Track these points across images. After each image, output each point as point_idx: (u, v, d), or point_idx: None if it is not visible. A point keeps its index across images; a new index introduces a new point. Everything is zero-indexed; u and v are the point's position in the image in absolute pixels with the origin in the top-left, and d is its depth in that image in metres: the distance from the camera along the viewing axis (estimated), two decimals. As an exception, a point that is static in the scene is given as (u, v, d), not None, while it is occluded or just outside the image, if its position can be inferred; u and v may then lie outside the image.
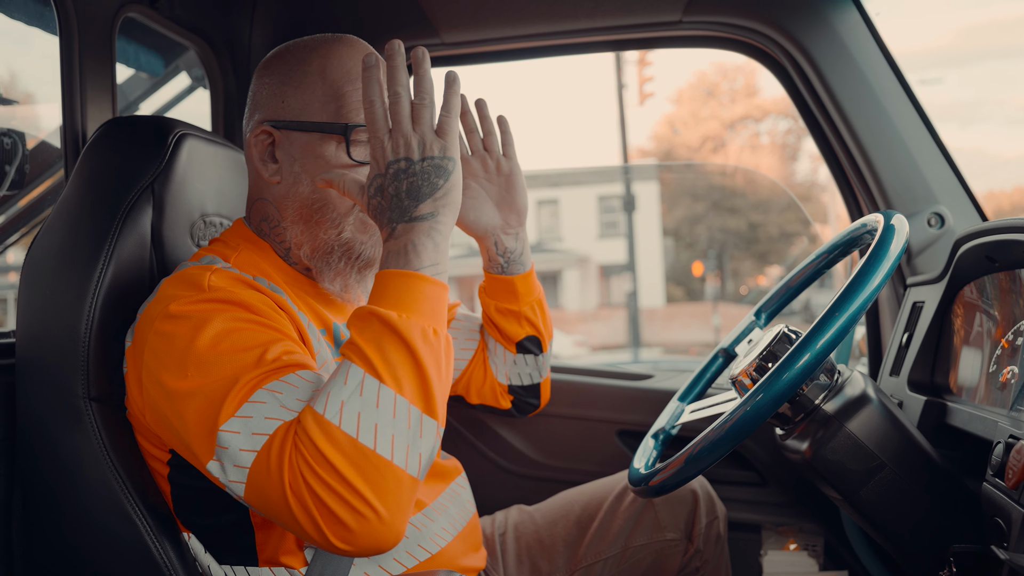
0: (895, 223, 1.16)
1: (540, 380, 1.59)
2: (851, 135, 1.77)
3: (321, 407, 0.94)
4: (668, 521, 1.52)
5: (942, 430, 1.37)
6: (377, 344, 0.96)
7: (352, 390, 0.94)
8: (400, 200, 1.03)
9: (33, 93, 2.25)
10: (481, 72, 2.92)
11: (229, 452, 0.97)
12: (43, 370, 1.19)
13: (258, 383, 0.99)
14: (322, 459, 0.91)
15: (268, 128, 1.22)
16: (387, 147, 1.05)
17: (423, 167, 1.03)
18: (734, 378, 1.32)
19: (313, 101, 1.20)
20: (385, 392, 0.94)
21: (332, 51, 1.22)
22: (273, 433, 0.96)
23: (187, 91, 2.29)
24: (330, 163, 1.19)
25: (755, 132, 32.26)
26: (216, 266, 1.15)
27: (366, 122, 1.07)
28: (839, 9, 1.75)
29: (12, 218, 2.04)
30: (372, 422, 0.93)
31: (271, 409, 0.97)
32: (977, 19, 40.80)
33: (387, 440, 0.93)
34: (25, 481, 1.22)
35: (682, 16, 1.86)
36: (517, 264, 1.49)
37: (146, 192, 1.25)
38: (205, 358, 1.02)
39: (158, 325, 1.08)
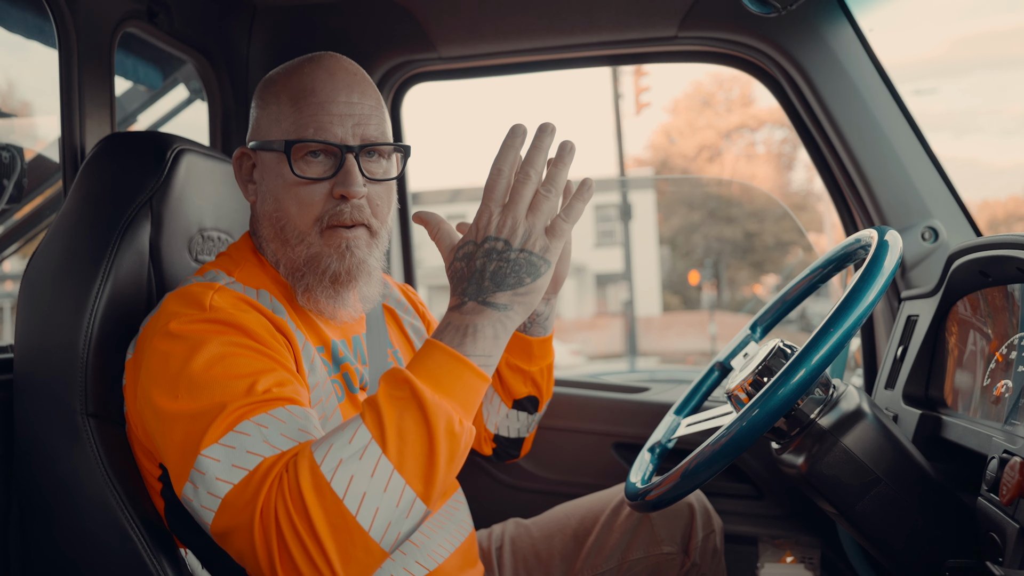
0: (889, 239, 1.17)
1: (527, 435, 1.59)
2: (845, 149, 1.78)
3: (320, 457, 0.92)
4: (665, 535, 1.52)
5: (937, 443, 1.37)
6: (398, 414, 0.93)
7: (354, 452, 0.92)
8: (482, 278, 1.00)
9: (31, 103, 2.26)
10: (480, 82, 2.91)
11: (206, 478, 0.97)
12: (41, 386, 1.19)
13: (245, 413, 0.99)
14: (301, 507, 0.90)
15: (245, 150, 1.25)
16: (494, 220, 1.01)
17: (518, 257, 1.00)
18: (730, 392, 1.32)
19: (273, 121, 1.21)
20: (384, 464, 0.92)
21: (298, 70, 1.22)
22: (254, 468, 0.95)
23: (185, 103, 2.30)
24: (286, 180, 1.19)
25: (751, 141, 32.38)
26: (219, 283, 1.16)
27: (486, 186, 1.02)
28: (833, 25, 1.76)
29: (9, 229, 2.04)
30: (362, 489, 0.91)
31: (254, 443, 0.97)
32: (971, 30, 41.07)
33: (370, 511, 0.91)
34: (22, 496, 1.22)
35: (678, 32, 1.88)
36: (539, 327, 1.47)
37: (144, 207, 1.26)
38: (197, 381, 1.02)
39: (156, 342, 1.08)
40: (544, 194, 1.01)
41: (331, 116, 1.18)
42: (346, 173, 1.17)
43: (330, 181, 1.18)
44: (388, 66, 2.05)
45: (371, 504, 0.91)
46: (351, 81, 1.22)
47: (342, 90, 1.20)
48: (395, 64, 2.05)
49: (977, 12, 41.53)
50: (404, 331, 1.49)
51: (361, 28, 1.99)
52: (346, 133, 1.19)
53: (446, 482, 0.96)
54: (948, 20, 43.89)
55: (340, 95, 1.19)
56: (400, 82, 2.12)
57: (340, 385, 1.25)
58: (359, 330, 1.34)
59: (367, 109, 1.21)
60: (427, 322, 1.57)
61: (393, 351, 1.42)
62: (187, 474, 0.99)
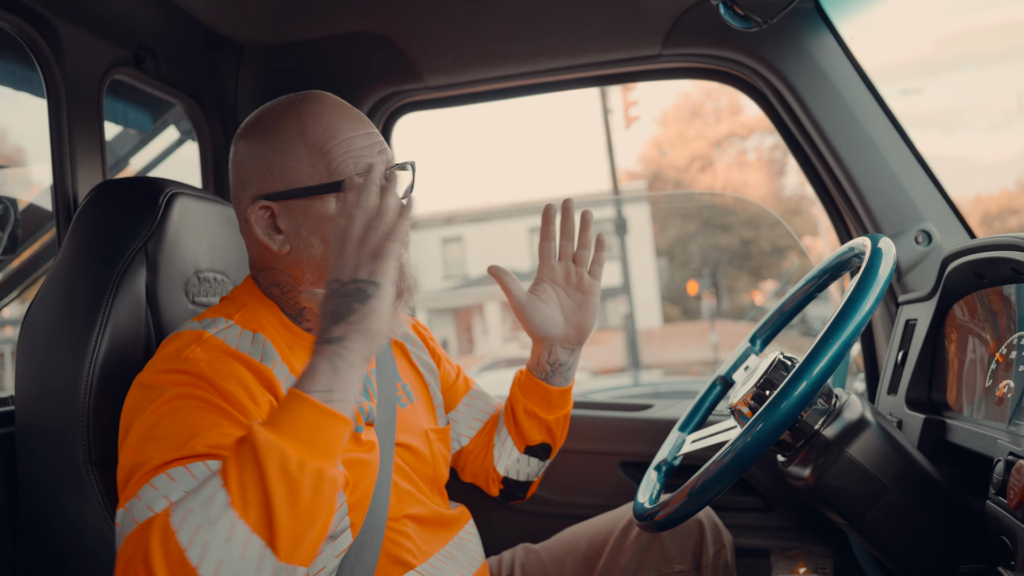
0: (882, 246, 1.17)
1: (535, 479, 1.59)
2: (834, 158, 1.79)
3: (175, 508, 0.89)
4: (675, 553, 1.51)
5: (942, 447, 1.37)
6: (239, 462, 0.89)
7: (202, 501, 0.88)
8: (322, 319, 1.01)
9: (22, 149, 2.27)
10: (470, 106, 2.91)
11: (118, 531, 0.96)
12: (44, 436, 1.19)
13: (164, 466, 0.97)
14: (146, 558, 0.86)
15: (264, 203, 1.22)
16: (331, 267, 1.04)
17: (346, 290, 1.01)
18: (733, 407, 1.32)
19: (301, 165, 1.21)
20: (227, 513, 0.87)
21: (304, 112, 1.23)
22: (141, 525, 0.91)
23: (176, 144, 2.31)
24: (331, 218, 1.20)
25: (742, 149, 32.51)
26: (208, 333, 1.15)
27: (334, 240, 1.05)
28: (815, 35, 1.78)
29: (7, 276, 2.05)
30: (205, 540, 0.86)
31: (154, 498, 0.94)
32: (952, 28, 41.45)
33: (213, 565, 0.85)
34: (28, 548, 1.21)
35: (661, 49, 1.90)
36: (561, 376, 1.48)
37: (140, 253, 1.26)
38: (145, 430, 1.02)
39: (131, 390, 1.10)
40: (372, 225, 1.03)
41: (362, 148, 1.21)
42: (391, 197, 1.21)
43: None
44: (376, 97, 2.06)
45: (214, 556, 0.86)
46: (357, 114, 1.26)
47: (359, 124, 1.24)
48: (383, 95, 2.06)
49: (959, 9, 41.91)
50: (414, 364, 1.50)
51: (347, 62, 2.01)
52: (377, 161, 1.22)
53: (300, 529, 0.90)
54: (929, 20, 44.28)
55: (359, 128, 1.23)
56: (389, 112, 2.13)
57: None
58: (368, 366, 1.34)
59: (378, 136, 1.26)
60: (437, 356, 1.57)
61: (402, 384, 1.42)
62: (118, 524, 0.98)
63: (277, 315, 1.26)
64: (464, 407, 1.60)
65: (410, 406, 1.40)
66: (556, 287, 1.47)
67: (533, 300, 1.44)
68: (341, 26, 1.95)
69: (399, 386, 1.40)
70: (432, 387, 1.50)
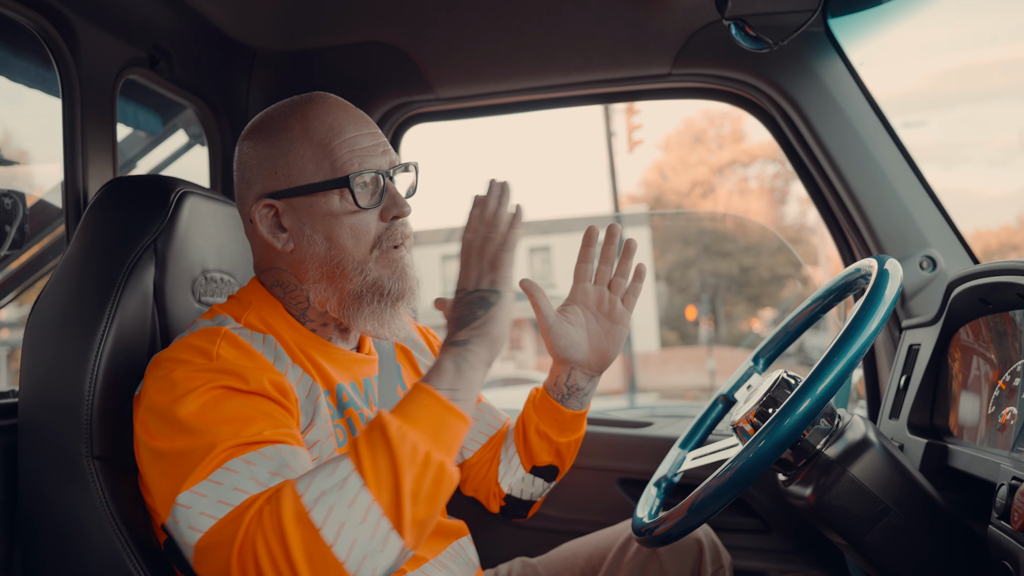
0: (889, 268, 1.18)
1: (539, 499, 1.57)
2: (840, 181, 1.80)
3: (303, 487, 0.94)
4: (673, 571, 1.50)
5: (944, 472, 1.37)
6: (372, 450, 0.96)
7: (335, 483, 0.94)
8: (450, 324, 1.11)
9: (27, 151, 2.28)
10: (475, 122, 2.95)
11: (190, 512, 0.98)
12: (46, 429, 1.19)
13: (234, 452, 1.00)
14: (280, 535, 0.91)
15: (269, 201, 1.24)
16: (459, 278, 1.14)
17: (470, 298, 1.10)
18: (735, 424, 1.32)
19: (305, 164, 1.23)
20: (364, 495, 0.93)
21: (308, 112, 1.25)
22: (239, 504, 0.96)
23: (184, 148, 2.32)
24: (339, 216, 1.22)
25: (743, 177, 32.64)
26: (226, 328, 1.17)
27: (461, 253, 1.14)
28: (824, 60, 1.80)
29: (6, 277, 2.05)
30: (340, 520, 0.92)
31: (242, 480, 0.98)
32: (953, 63, 41.74)
33: (347, 542, 0.92)
34: (26, 541, 1.21)
35: (671, 69, 1.91)
36: (576, 400, 1.47)
37: (148, 250, 1.27)
38: (192, 424, 1.03)
39: (158, 386, 1.09)
40: (487, 237, 1.13)
41: (365, 148, 1.24)
42: (394, 196, 1.26)
43: (378, 208, 1.24)
44: (386, 107, 2.08)
45: (348, 535, 0.92)
46: (361, 115, 1.28)
47: (363, 123, 1.26)
48: (393, 105, 2.08)
49: (957, 46, 42.18)
50: (419, 371, 1.49)
51: (359, 71, 2.02)
52: (380, 160, 1.25)
53: (419, 517, 0.96)
54: (930, 54, 44.60)
55: (363, 128, 1.26)
56: (399, 123, 2.15)
57: (343, 430, 1.24)
58: (371, 372, 1.34)
59: (382, 137, 1.28)
60: None
61: (405, 391, 1.41)
62: (170, 508, 1.00)
63: (282, 314, 1.26)
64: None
65: None
66: (587, 311, 1.45)
67: (561, 321, 1.43)
68: (354, 35, 1.97)
69: (402, 394, 1.39)
70: None
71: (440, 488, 0.98)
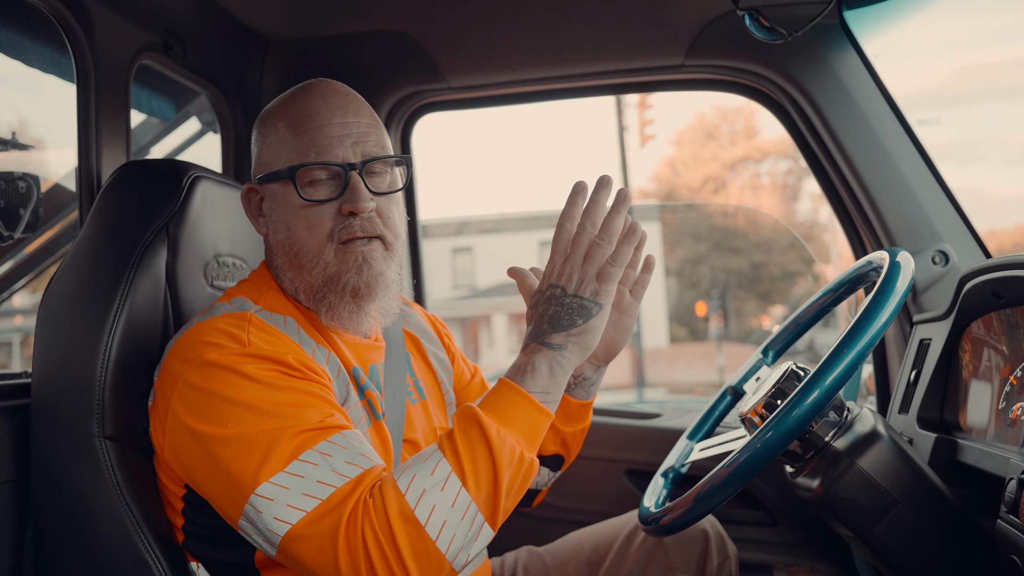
0: (901, 260, 1.17)
1: (543, 489, 1.58)
2: (853, 175, 1.79)
3: (404, 486, 1.00)
4: (679, 561, 1.50)
5: (953, 467, 1.36)
6: (471, 450, 1.02)
7: (436, 483, 1.00)
8: (542, 321, 1.10)
9: (42, 139, 2.30)
10: (487, 115, 2.95)
11: (273, 505, 1.01)
12: (58, 409, 1.20)
13: (305, 442, 1.03)
14: (389, 532, 0.98)
15: (253, 186, 1.27)
16: (555, 270, 1.11)
17: (571, 302, 1.09)
18: (743, 416, 1.32)
19: (274, 151, 1.24)
20: (463, 495, 1.00)
21: (291, 99, 1.26)
22: (328, 497, 1.00)
23: (197, 136, 2.33)
24: (295, 207, 1.21)
25: (755, 173, 32.51)
26: (250, 313, 1.18)
27: (552, 239, 1.12)
28: (839, 52, 1.78)
29: (19, 263, 2.06)
30: (443, 518, 0.99)
31: (323, 473, 1.02)
32: (967, 61, 41.37)
33: (448, 536, 1.00)
34: (38, 519, 1.22)
35: (684, 60, 1.90)
36: (583, 390, 1.47)
37: (161, 233, 1.28)
38: (247, 410, 1.05)
39: (193, 370, 1.10)
40: (598, 243, 1.10)
41: (330, 138, 1.21)
42: (352, 190, 1.20)
43: (337, 201, 1.21)
44: (398, 96, 2.08)
45: (450, 531, 1.00)
46: (344, 102, 1.25)
47: (337, 112, 1.23)
48: (405, 94, 2.08)
49: (972, 44, 41.76)
50: (428, 360, 1.48)
51: (372, 59, 2.02)
52: (347, 152, 1.22)
53: (509, 507, 1.05)
54: (947, 51, 44.23)
55: (335, 117, 1.23)
56: (410, 112, 2.15)
57: (366, 411, 1.25)
58: (378, 359, 1.34)
59: (363, 127, 1.24)
60: (452, 354, 1.55)
61: (414, 380, 1.41)
62: (244, 500, 1.03)
63: (288, 297, 1.27)
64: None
65: (420, 403, 1.39)
66: None
67: None
68: (367, 24, 1.97)
69: (411, 382, 1.40)
70: (445, 384, 1.49)
71: (527, 481, 1.07)
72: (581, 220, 1.11)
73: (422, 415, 1.38)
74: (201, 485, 1.10)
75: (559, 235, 1.12)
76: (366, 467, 1.04)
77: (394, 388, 1.35)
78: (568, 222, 1.12)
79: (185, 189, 1.32)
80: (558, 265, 1.11)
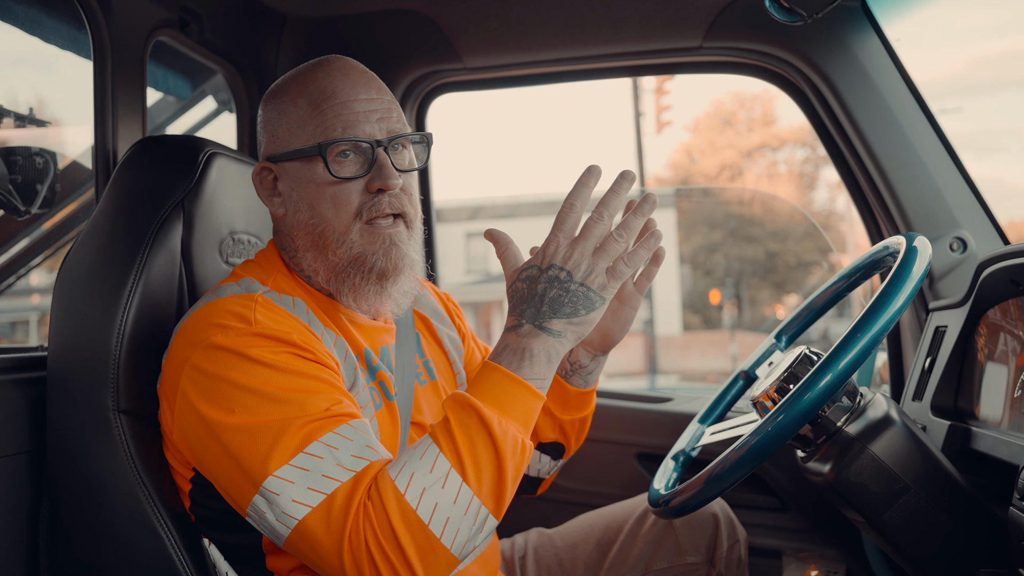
0: (918, 245, 1.16)
1: (546, 477, 1.57)
2: (872, 160, 1.77)
3: (403, 486, 0.99)
4: (689, 545, 1.50)
5: (966, 455, 1.35)
6: (471, 443, 1.00)
7: (435, 480, 0.99)
8: (541, 303, 1.06)
9: (60, 119, 2.31)
10: (502, 96, 2.92)
11: (279, 499, 1.01)
12: (73, 383, 1.21)
13: (312, 433, 1.03)
14: (391, 534, 0.97)
15: (267, 164, 1.24)
16: (561, 251, 1.07)
17: (577, 289, 1.06)
18: (755, 400, 1.31)
19: (295, 128, 1.21)
20: (465, 491, 0.99)
21: (308, 75, 1.23)
22: (332, 493, 1.00)
23: (213, 114, 2.33)
24: (320, 185, 1.19)
25: (772, 161, 32.25)
26: (258, 293, 1.17)
27: (557, 217, 1.08)
28: (860, 35, 1.76)
29: (35, 241, 2.08)
30: (445, 515, 0.99)
31: (328, 466, 1.01)
32: (989, 50, 40.74)
33: (453, 532, 0.99)
34: (53, 491, 1.23)
35: (702, 42, 1.88)
36: (580, 379, 1.45)
37: (176, 209, 1.28)
38: (253, 396, 1.05)
39: (200, 353, 1.10)
40: (616, 238, 1.07)
41: (356, 114, 1.20)
42: (381, 167, 1.19)
43: (364, 178, 1.19)
44: (414, 76, 2.07)
45: (454, 526, 0.99)
46: (367, 79, 1.24)
47: (360, 88, 1.22)
48: (421, 74, 2.07)
49: (993, 33, 41.07)
50: (439, 341, 1.47)
51: (388, 38, 2.02)
52: (373, 128, 1.20)
53: (512, 494, 1.04)
54: (968, 40, 43.57)
55: (360, 93, 1.21)
56: (426, 92, 2.14)
57: (377, 393, 1.25)
58: (388, 340, 1.33)
59: (386, 104, 1.23)
60: (463, 334, 1.54)
61: (424, 360, 1.40)
62: (254, 490, 1.03)
63: (297, 279, 1.26)
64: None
65: (430, 384, 1.39)
66: None
67: None
68: (384, 2, 1.96)
69: (420, 363, 1.39)
70: (457, 365, 1.48)
71: (525, 464, 1.05)
72: (597, 208, 1.07)
73: (431, 396, 1.38)
74: (210, 470, 1.10)
75: (566, 215, 1.07)
76: (372, 459, 1.04)
77: (403, 370, 1.34)
78: (578, 203, 1.08)
79: (201, 165, 1.32)
80: (563, 246, 1.07)
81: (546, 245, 1.08)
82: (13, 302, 9.64)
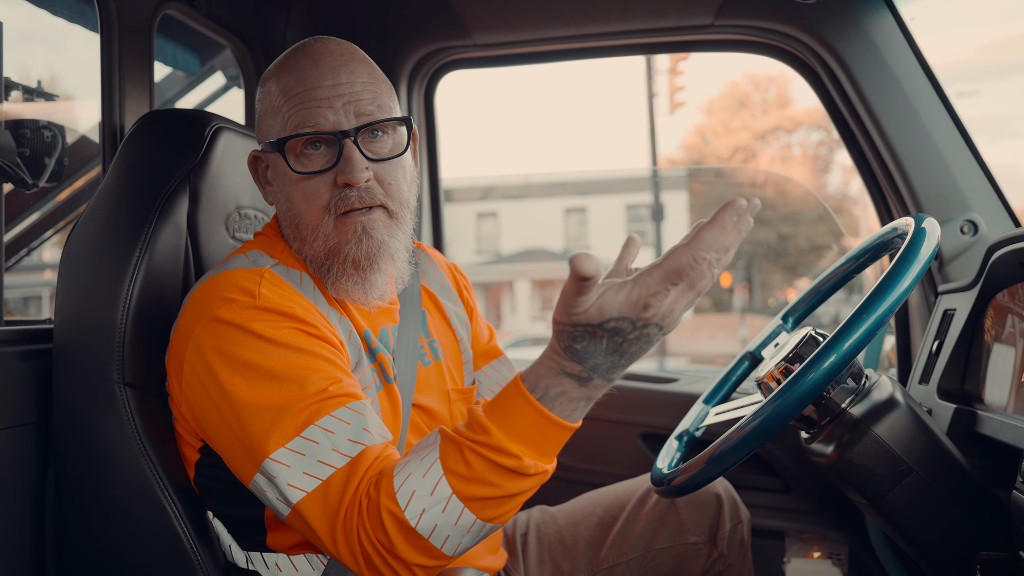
0: (926, 226, 1.15)
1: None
2: (884, 141, 1.75)
3: (403, 502, 0.97)
4: (691, 524, 1.51)
5: (971, 439, 1.35)
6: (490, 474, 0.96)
7: (436, 503, 0.97)
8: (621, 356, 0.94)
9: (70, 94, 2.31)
10: (513, 74, 2.91)
11: (276, 481, 1.02)
12: (79, 355, 1.22)
13: (311, 416, 1.03)
14: (386, 539, 0.97)
15: (258, 153, 1.24)
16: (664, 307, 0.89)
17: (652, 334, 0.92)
18: (760, 380, 1.31)
19: (269, 119, 1.21)
20: (467, 515, 0.97)
21: (284, 63, 1.21)
22: (327, 479, 1.00)
23: (221, 90, 2.33)
24: (290, 178, 1.18)
25: (786, 143, 31.97)
26: (265, 268, 1.17)
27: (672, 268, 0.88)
28: (874, 14, 1.74)
29: (44, 216, 2.08)
30: (445, 533, 0.98)
31: (324, 452, 1.01)
32: (1002, 34, 40.13)
33: (453, 545, 0.99)
34: (58, 463, 1.25)
35: (714, 20, 1.86)
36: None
37: (183, 183, 1.28)
38: (254, 372, 1.05)
39: (204, 326, 1.10)
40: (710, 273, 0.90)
41: (318, 102, 1.15)
42: (345, 160, 1.14)
43: (332, 171, 1.16)
44: (423, 52, 2.06)
45: (454, 540, 0.99)
46: (336, 63, 1.18)
47: (327, 74, 1.16)
48: (430, 51, 2.06)
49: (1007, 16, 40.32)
50: (446, 318, 1.45)
51: (397, 14, 2.00)
52: (339, 116, 1.15)
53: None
54: (981, 23, 42.90)
55: (326, 79, 1.16)
56: (434, 69, 2.13)
57: (377, 374, 1.25)
58: (388, 322, 1.32)
59: (357, 87, 1.17)
60: (469, 309, 1.53)
61: (430, 341, 1.38)
62: (254, 469, 1.04)
63: (296, 256, 1.25)
64: (491, 370, 1.58)
65: (434, 364, 1.38)
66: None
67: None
68: None
69: (425, 343, 1.38)
70: (464, 342, 1.47)
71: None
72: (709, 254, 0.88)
73: (435, 377, 1.37)
74: (215, 441, 1.11)
75: (682, 265, 0.88)
76: (368, 444, 1.03)
77: (406, 351, 1.32)
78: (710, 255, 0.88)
79: (208, 139, 1.32)
80: (668, 302, 0.89)
81: (648, 296, 0.88)
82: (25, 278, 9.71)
